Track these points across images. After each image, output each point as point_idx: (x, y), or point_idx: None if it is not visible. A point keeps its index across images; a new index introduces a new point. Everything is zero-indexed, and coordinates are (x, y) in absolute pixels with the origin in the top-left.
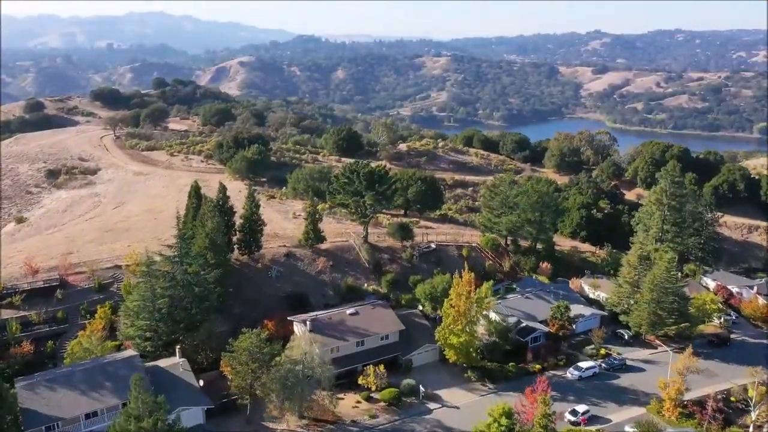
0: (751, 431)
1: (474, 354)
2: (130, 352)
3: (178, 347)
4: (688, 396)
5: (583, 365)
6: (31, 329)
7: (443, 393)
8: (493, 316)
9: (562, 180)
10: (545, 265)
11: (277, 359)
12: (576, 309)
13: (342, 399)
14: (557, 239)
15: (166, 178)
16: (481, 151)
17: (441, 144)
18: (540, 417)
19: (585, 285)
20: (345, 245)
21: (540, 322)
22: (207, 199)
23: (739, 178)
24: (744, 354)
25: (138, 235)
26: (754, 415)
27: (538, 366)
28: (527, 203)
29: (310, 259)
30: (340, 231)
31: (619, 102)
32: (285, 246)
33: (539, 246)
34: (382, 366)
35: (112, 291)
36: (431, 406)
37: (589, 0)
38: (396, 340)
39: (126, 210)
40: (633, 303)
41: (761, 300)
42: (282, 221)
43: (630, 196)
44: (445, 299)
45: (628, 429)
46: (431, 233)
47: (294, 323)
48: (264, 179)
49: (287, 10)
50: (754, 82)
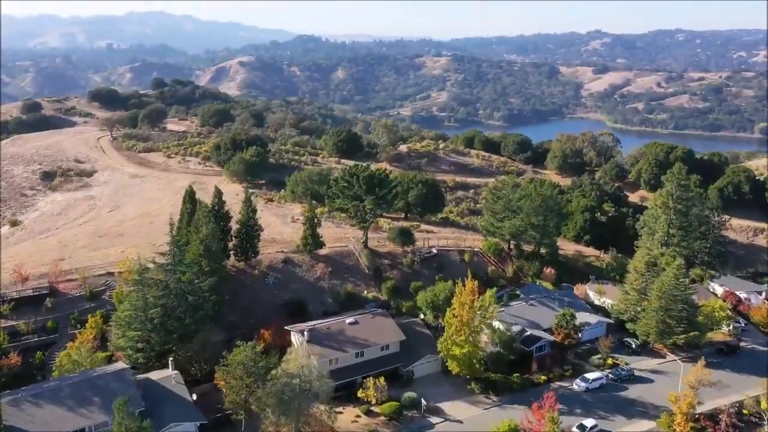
0: None
1: (477, 365)
2: (120, 364)
3: (170, 359)
4: (699, 409)
5: (590, 376)
6: (19, 340)
7: (446, 406)
8: (497, 324)
9: (564, 182)
10: (549, 271)
11: (273, 372)
12: (581, 316)
13: (341, 413)
14: (560, 243)
15: (162, 180)
16: (483, 153)
17: (442, 145)
18: None
19: (590, 291)
20: (344, 250)
21: (545, 330)
22: (202, 205)
23: (744, 179)
24: (755, 363)
25: (132, 241)
26: (767, 429)
27: (543, 377)
28: (531, 207)
29: (308, 265)
30: (339, 236)
31: (620, 102)
32: (283, 251)
33: (543, 250)
34: (382, 378)
35: (104, 299)
36: (433, 420)
37: (589, 0)
38: (397, 350)
39: (121, 213)
40: (640, 310)
41: None
42: (280, 225)
43: (634, 198)
44: (448, 308)
45: None
46: (432, 237)
47: (291, 333)
48: (262, 181)
49: (287, 10)
50: (755, 82)
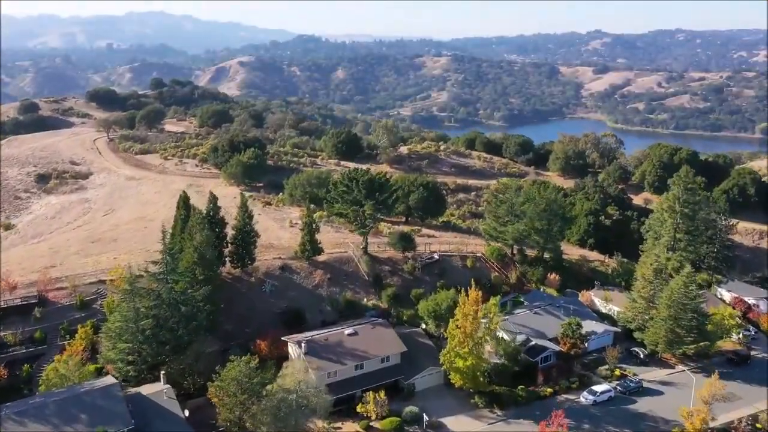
0: None
1: (481, 378)
2: (109, 379)
3: (162, 373)
4: (712, 424)
5: (598, 389)
6: (6, 351)
7: (448, 421)
8: (501, 334)
9: (567, 184)
10: (553, 277)
11: (269, 388)
12: (587, 325)
13: (339, 429)
14: (564, 247)
15: (159, 183)
16: (484, 154)
17: (443, 147)
18: None
19: (595, 298)
20: (343, 256)
21: (550, 339)
22: (196, 211)
23: (750, 181)
24: (766, 373)
25: (126, 246)
26: None
27: (549, 389)
28: (534, 211)
29: (306, 272)
30: (338, 241)
31: (620, 102)
32: (280, 258)
33: (547, 255)
34: (382, 392)
35: (95, 308)
36: None
37: (589, 0)
38: (398, 362)
39: (116, 217)
40: (648, 319)
41: None
42: (278, 230)
43: (637, 200)
44: (451, 319)
45: None
46: (434, 242)
47: (288, 344)
48: (260, 184)
49: (287, 10)
50: (755, 82)
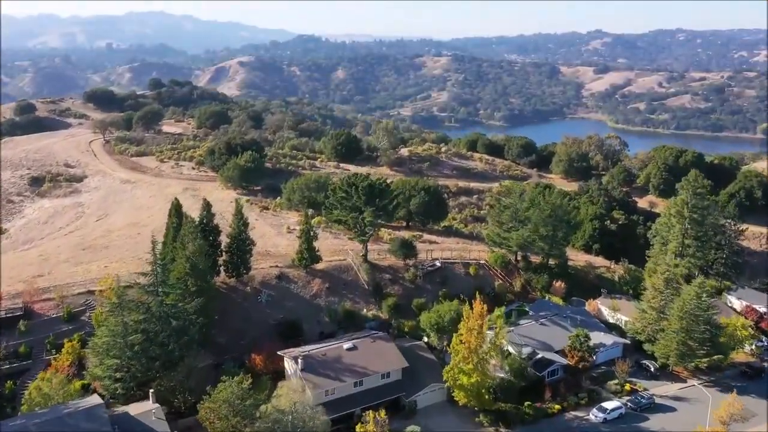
0: None
1: (487, 396)
2: (94, 399)
3: (151, 391)
4: None
5: (608, 406)
6: None
7: None
8: (507, 346)
9: (570, 186)
10: (559, 284)
11: (263, 409)
12: (595, 336)
13: None
14: (569, 252)
15: (154, 186)
16: (486, 156)
17: (444, 149)
18: None
19: (603, 307)
20: (343, 264)
21: (557, 352)
22: (188, 219)
23: (757, 184)
24: None
25: (117, 254)
26: None
27: (557, 406)
28: (539, 217)
29: (304, 281)
30: (337, 248)
31: (621, 102)
32: (277, 266)
33: (552, 262)
34: (383, 411)
35: (83, 320)
36: None
37: (590, 0)
38: (399, 378)
39: (108, 223)
40: (659, 331)
41: None
42: (275, 236)
43: (642, 203)
44: (455, 334)
45: None
46: (435, 249)
47: (285, 359)
48: (258, 188)
49: (287, 10)
50: (756, 82)
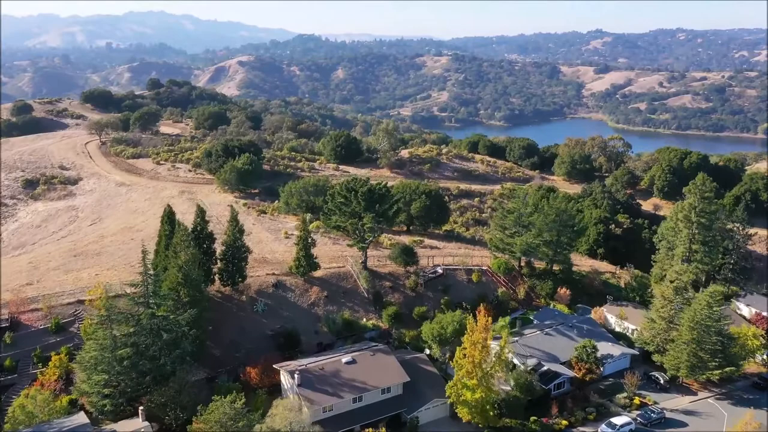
0: None
1: (491, 412)
2: (80, 418)
3: (141, 409)
4: None
5: (618, 421)
6: None
7: None
8: (511, 357)
9: (573, 188)
10: (563, 291)
11: (257, 429)
12: (603, 347)
13: None
14: (573, 257)
15: (149, 189)
16: (488, 158)
17: (445, 150)
18: None
19: (609, 315)
20: (341, 272)
21: (563, 363)
22: (181, 226)
23: (762, 187)
24: None
25: (110, 261)
26: None
27: (564, 422)
28: (543, 222)
29: (301, 290)
30: (336, 254)
31: (622, 102)
32: (274, 274)
33: (556, 268)
34: (383, 428)
35: (71, 332)
36: None
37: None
38: (399, 393)
39: (102, 227)
40: (669, 341)
41: None
42: (272, 242)
43: (646, 206)
44: (458, 347)
45: None
46: (437, 255)
47: (281, 373)
48: (256, 191)
49: (288, 9)
50: (757, 81)
